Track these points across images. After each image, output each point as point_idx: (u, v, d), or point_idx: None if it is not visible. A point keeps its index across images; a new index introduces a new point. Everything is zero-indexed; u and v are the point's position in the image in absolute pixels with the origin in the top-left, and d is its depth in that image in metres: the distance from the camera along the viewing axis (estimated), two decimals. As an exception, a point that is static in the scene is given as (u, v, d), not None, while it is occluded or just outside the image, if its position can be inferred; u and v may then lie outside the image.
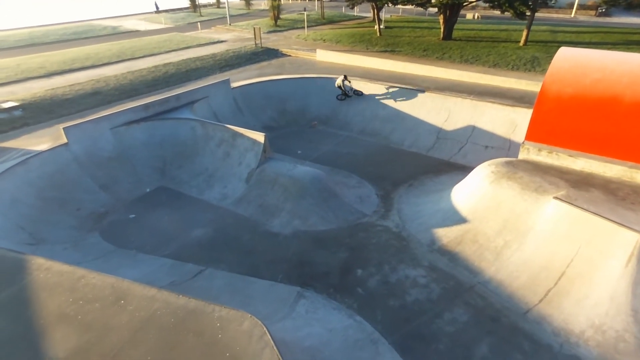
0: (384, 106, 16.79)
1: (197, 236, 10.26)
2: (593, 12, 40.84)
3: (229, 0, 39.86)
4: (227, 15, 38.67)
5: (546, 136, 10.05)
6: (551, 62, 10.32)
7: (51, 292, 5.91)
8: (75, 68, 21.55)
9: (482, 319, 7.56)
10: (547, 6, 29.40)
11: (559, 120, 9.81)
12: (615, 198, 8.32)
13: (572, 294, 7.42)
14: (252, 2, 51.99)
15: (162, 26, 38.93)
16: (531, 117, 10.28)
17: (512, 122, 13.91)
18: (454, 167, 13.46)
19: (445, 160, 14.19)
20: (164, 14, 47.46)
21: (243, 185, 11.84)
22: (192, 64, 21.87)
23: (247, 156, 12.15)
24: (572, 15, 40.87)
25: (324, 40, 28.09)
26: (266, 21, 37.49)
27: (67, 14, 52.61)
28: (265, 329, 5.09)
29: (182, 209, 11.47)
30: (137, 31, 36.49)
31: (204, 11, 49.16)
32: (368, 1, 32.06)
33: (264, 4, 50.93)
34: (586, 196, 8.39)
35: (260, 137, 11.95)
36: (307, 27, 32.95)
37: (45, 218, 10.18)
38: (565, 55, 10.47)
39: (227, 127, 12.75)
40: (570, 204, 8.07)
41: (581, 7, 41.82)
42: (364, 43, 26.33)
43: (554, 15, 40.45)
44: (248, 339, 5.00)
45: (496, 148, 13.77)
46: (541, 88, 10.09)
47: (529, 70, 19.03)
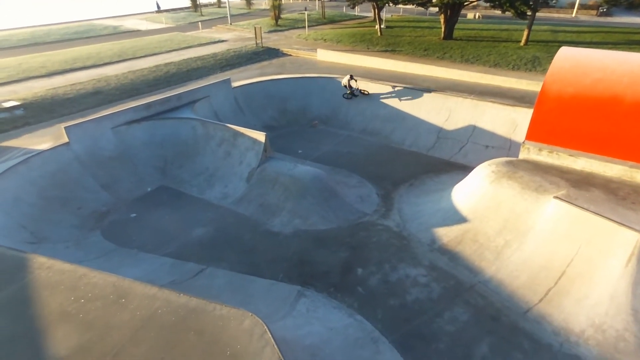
0: (385, 106, 16.79)
1: (198, 235, 10.29)
2: (594, 11, 40.80)
3: (229, 0, 39.88)
4: (228, 15, 38.73)
5: (547, 136, 10.05)
6: (552, 62, 10.33)
7: (52, 290, 5.94)
8: (77, 67, 21.59)
9: (483, 318, 7.57)
10: (548, 6, 29.34)
11: (560, 120, 9.81)
12: (616, 198, 8.32)
13: (572, 294, 7.43)
14: (253, 1, 52.01)
15: (163, 26, 38.96)
16: (532, 116, 10.28)
17: (513, 122, 13.90)
18: (454, 167, 13.47)
19: (446, 159, 14.19)
20: (164, 13, 47.47)
21: (244, 185, 11.86)
22: (193, 64, 21.89)
23: (247, 155, 12.18)
24: (573, 15, 40.82)
25: (324, 40, 28.09)
26: (267, 21, 37.52)
27: (69, 13, 52.75)
28: (266, 328, 5.11)
29: (183, 208, 11.50)
30: (138, 31, 36.53)
31: (204, 11, 49.21)
32: (369, 1, 32.01)
33: (264, 4, 50.93)
34: (586, 196, 8.39)
35: (261, 136, 11.97)
36: (308, 26, 32.95)
37: (47, 217, 10.22)
38: (566, 55, 10.47)
39: (228, 127, 12.78)
40: (570, 203, 8.08)
41: (582, 6, 41.77)
42: (365, 43, 26.32)
43: (555, 15, 40.40)
44: (249, 337, 5.02)
45: (497, 148, 13.78)
46: (542, 88, 10.09)
47: (530, 70, 19.02)
